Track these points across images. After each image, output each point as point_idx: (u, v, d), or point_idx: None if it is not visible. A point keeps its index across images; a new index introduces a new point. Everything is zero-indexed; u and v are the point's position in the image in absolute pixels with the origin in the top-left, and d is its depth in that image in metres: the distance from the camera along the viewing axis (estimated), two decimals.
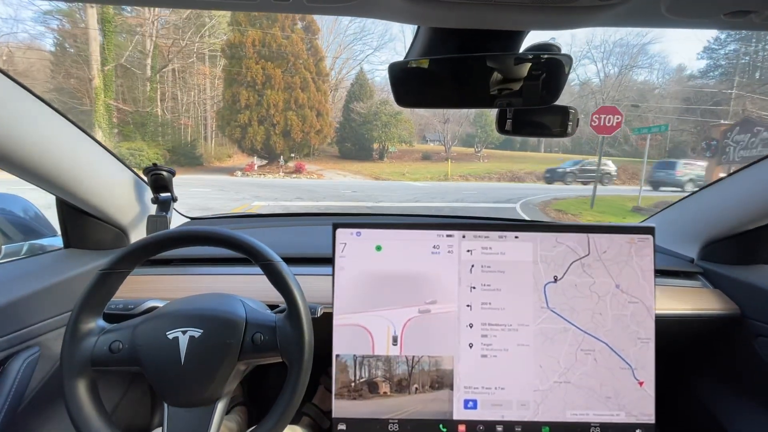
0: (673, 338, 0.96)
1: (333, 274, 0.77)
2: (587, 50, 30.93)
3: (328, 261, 0.80)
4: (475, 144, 28.68)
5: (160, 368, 0.65)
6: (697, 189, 1.08)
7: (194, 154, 21.17)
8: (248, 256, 0.69)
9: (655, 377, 0.76)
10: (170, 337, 0.65)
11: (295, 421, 1.11)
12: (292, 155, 21.68)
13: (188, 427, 0.64)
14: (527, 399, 0.75)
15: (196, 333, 0.65)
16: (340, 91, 28.14)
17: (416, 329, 0.75)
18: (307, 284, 0.75)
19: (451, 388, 0.75)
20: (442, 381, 0.75)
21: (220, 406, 0.66)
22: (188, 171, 19.42)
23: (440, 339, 0.75)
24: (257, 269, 0.69)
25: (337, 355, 0.75)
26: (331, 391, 0.76)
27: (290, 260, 0.98)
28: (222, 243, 0.69)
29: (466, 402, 0.75)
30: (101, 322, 0.69)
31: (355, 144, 24.44)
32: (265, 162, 21.65)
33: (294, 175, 19.33)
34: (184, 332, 0.65)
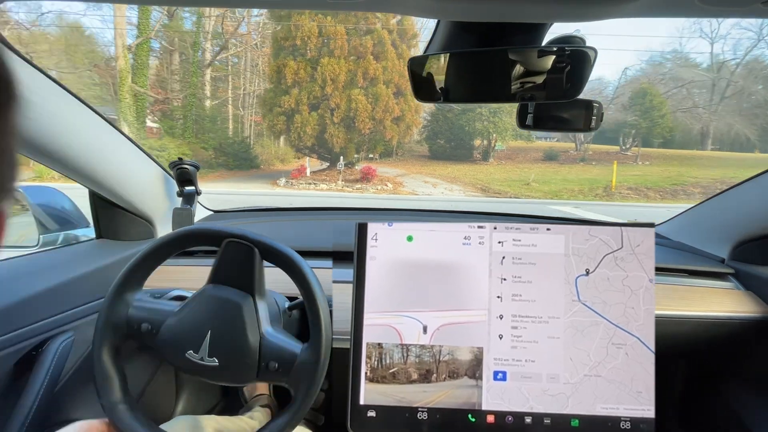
0: (704, 340, 0.94)
1: (354, 270, 0.76)
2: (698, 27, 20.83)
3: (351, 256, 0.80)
4: (621, 138, 18.69)
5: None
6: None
7: (247, 155, 16.63)
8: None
9: (685, 376, 0.75)
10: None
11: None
12: (371, 156, 15.69)
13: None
14: (557, 391, 0.75)
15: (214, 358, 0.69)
16: None
17: (447, 326, 0.76)
18: (328, 278, 0.76)
19: (480, 379, 0.75)
20: (471, 371, 0.75)
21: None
22: (235, 175, 14.66)
23: (470, 330, 0.76)
24: None
25: (367, 343, 0.76)
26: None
27: (312, 254, 1.00)
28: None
29: (495, 393, 0.75)
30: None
31: (451, 140, 17.71)
32: (325, 165, 15.38)
33: (358, 186, 13.45)
34: (201, 358, 0.69)
